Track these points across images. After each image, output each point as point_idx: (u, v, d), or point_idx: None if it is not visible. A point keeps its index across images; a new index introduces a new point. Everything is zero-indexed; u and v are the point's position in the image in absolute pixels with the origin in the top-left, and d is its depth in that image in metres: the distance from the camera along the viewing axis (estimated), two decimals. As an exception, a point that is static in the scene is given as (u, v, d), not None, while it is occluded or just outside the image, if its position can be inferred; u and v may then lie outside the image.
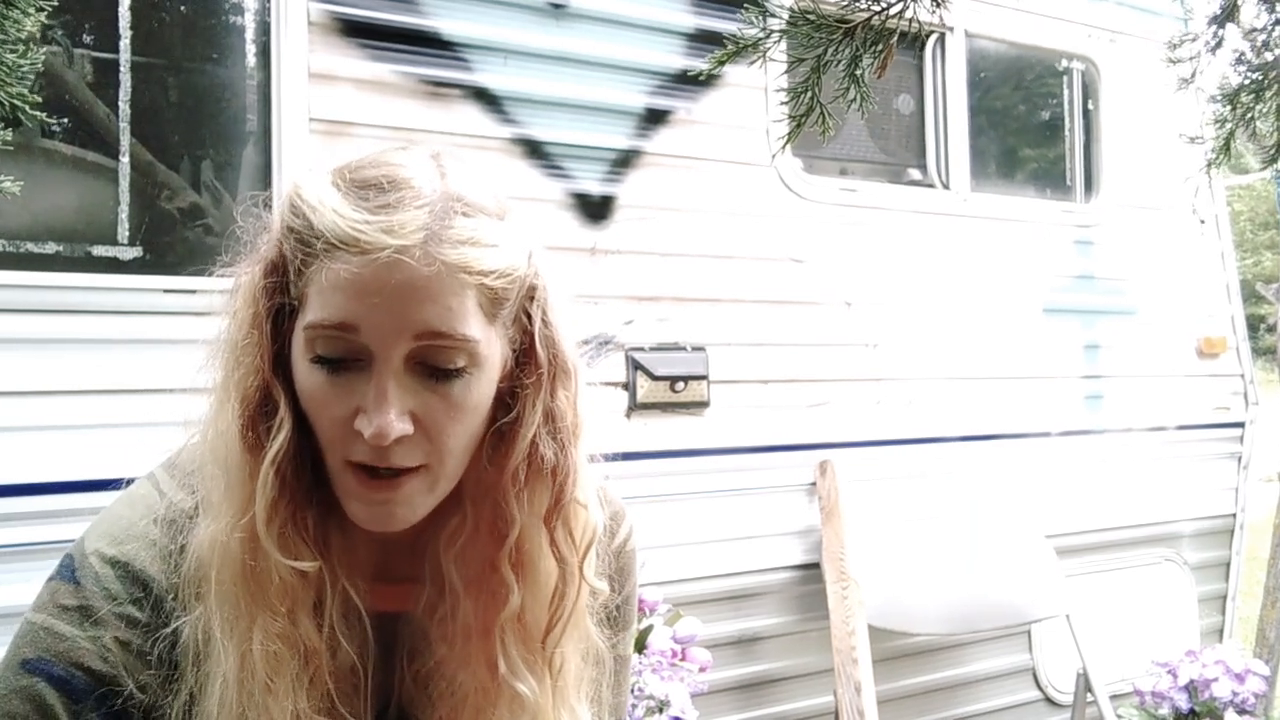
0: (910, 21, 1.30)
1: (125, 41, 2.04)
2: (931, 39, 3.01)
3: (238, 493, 0.81)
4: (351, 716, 0.84)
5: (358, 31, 2.23)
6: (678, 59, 2.59)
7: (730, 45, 1.35)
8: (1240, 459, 3.51)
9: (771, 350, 2.71)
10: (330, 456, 0.81)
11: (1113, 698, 2.83)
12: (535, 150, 2.42)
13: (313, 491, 0.83)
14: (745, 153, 2.68)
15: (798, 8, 1.38)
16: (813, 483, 2.74)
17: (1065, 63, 3.33)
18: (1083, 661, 2.84)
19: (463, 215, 0.79)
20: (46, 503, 1.90)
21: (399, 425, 0.77)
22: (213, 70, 2.18)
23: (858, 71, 1.31)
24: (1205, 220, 3.49)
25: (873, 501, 2.82)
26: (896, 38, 1.32)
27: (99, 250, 2.02)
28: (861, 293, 2.85)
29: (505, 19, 2.40)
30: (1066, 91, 3.36)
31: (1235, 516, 3.52)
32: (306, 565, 0.81)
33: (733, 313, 2.66)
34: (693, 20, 2.62)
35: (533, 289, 0.84)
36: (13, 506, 1.89)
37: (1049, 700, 3.16)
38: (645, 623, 2.28)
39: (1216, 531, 3.50)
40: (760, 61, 1.36)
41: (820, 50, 1.31)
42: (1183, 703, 2.83)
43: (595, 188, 2.50)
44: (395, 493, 0.80)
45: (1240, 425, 3.51)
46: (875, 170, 3.01)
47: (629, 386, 2.51)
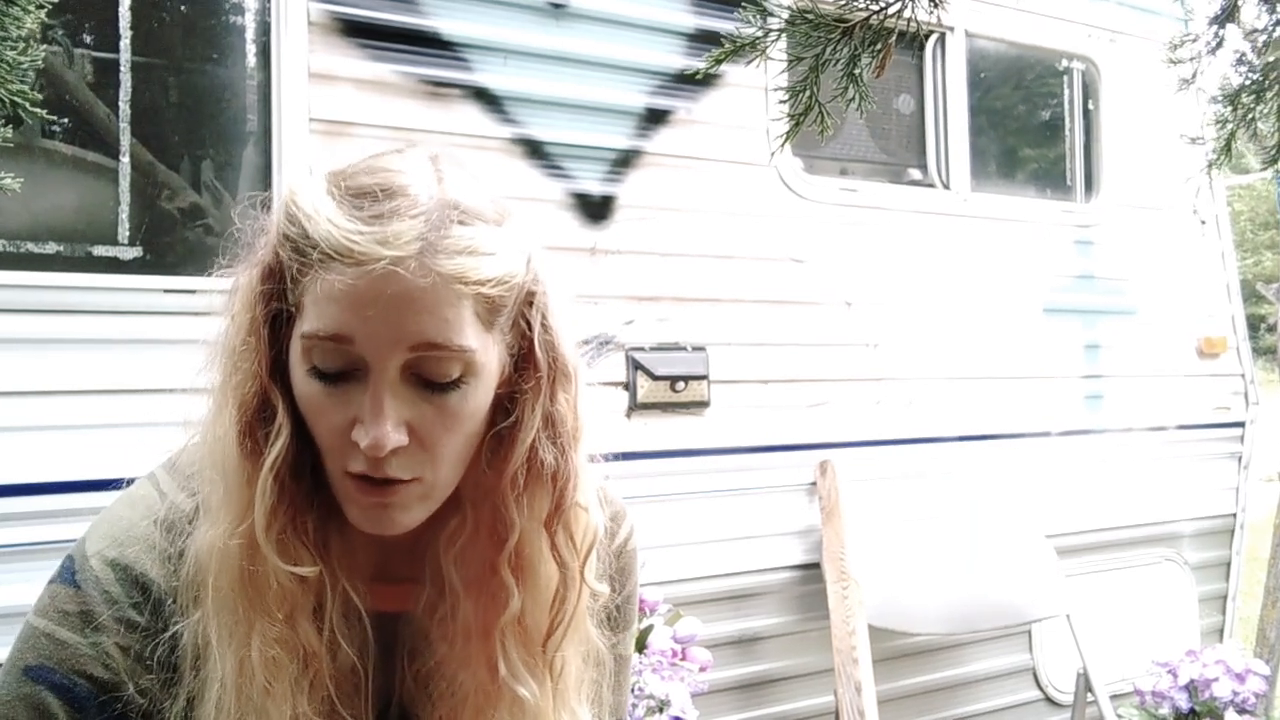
0: (908, 21, 1.30)
1: (125, 41, 2.04)
2: (932, 39, 3.01)
3: (236, 498, 0.80)
4: (352, 717, 0.84)
5: (358, 31, 2.22)
6: (678, 59, 2.59)
7: (728, 44, 1.35)
8: (1240, 459, 3.51)
9: (772, 350, 2.71)
10: (329, 462, 0.81)
11: (1113, 697, 2.83)
12: (535, 150, 2.42)
13: (313, 495, 0.83)
14: (745, 153, 2.68)
15: (796, 7, 1.38)
16: (813, 482, 2.74)
17: (1065, 63, 3.33)
18: (1083, 661, 2.84)
19: (459, 223, 0.77)
20: (46, 503, 1.90)
21: (395, 437, 0.77)
22: (213, 70, 2.18)
23: (856, 71, 1.31)
24: (1206, 220, 3.49)
25: (873, 501, 2.81)
26: (895, 37, 1.32)
27: (99, 250, 2.02)
28: (862, 293, 2.84)
29: (505, 19, 2.39)
30: (1067, 91, 3.36)
31: (1235, 516, 3.51)
32: (306, 570, 0.81)
33: (733, 313, 2.66)
34: (693, 20, 2.61)
35: (531, 294, 0.83)
36: (13, 506, 1.89)
37: (1049, 700, 3.16)
38: (645, 623, 2.28)
39: (1217, 531, 3.50)
40: (759, 61, 1.35)
41: (819, 49, 1.31)
42: (1183, 702, 2.83)
43: (595, 188, 2.50)
44: (392, 498, 0.80)
45: (1240, 425, 3.51)
46: (875, 170, 3.01)
47: (629, 386, 2.50)
